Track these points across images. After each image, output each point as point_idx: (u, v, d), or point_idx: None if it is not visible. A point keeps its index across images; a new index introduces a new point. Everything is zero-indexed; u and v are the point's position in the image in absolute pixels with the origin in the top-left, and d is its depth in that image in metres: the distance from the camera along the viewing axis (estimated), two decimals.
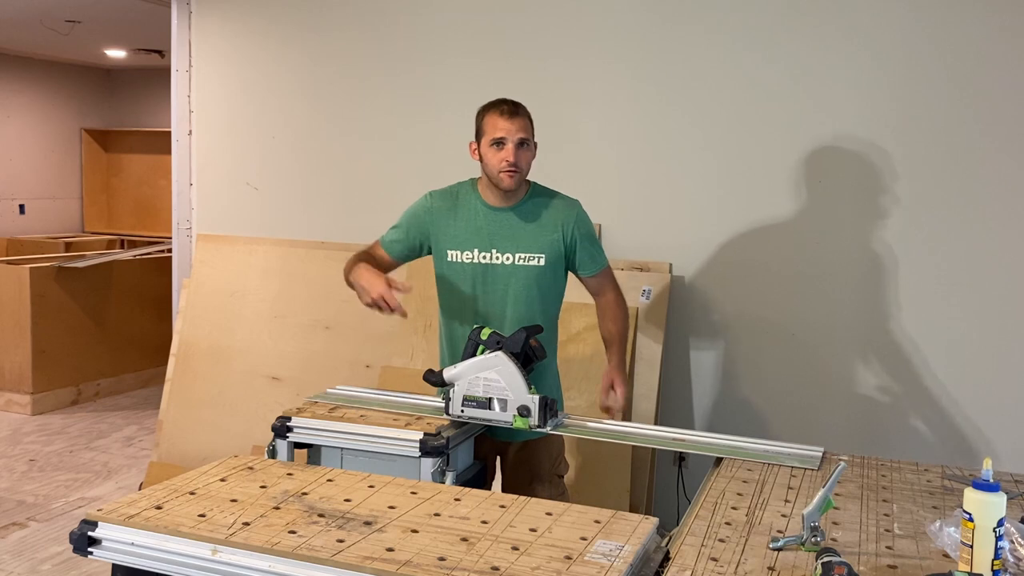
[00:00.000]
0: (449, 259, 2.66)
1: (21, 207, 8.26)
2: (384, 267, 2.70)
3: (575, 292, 2.91)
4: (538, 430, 2.38)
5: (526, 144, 2.58)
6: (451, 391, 2.41)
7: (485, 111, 2.63)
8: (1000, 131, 3.28)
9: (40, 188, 8.43)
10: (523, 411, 2.35)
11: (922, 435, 3.42)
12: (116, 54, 7.67)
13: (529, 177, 2.68)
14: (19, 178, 8.23)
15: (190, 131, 4.65)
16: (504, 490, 2.71)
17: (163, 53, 7.11)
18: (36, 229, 8.33)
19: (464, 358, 2.44)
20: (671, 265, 3.70)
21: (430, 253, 2.73)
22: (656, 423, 3.59)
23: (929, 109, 3.36)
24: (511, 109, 2.59)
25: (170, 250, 5.05)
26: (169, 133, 4.72)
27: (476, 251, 2.64)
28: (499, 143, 2.56)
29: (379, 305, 2.47)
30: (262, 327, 4.35)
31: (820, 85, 3.49)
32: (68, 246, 7.49)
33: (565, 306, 2.82)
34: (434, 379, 2.48)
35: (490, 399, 2.38)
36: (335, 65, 4.31)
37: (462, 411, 2.40)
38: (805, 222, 3.54)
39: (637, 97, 3.75)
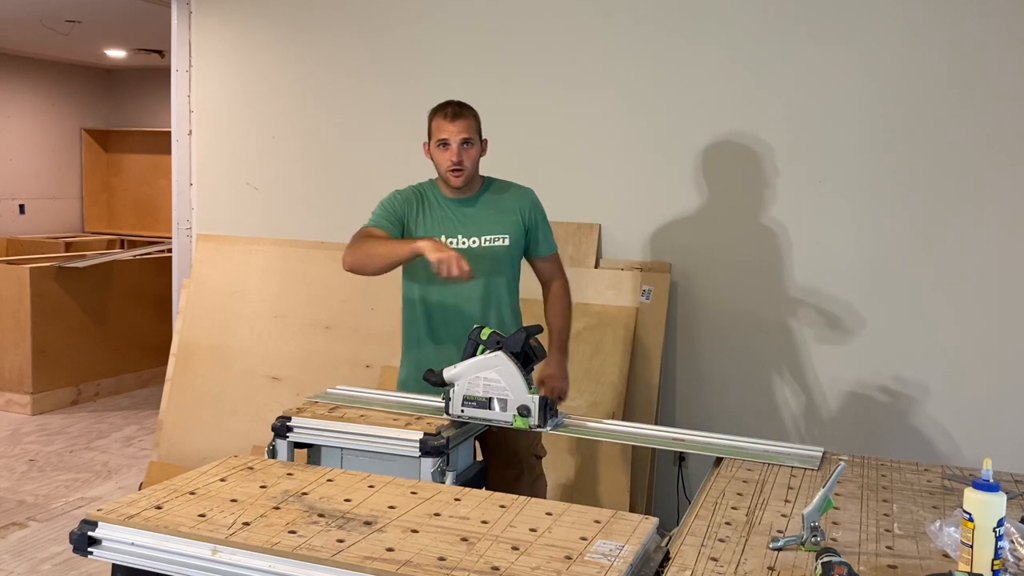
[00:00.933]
0: None
1: (21, 207, 8.26)
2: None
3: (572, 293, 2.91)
4: (538, 429, 2.39)
5: (469, 143, 2.72)
6: (451, 391, 2.42)
7: (433, 114, 2.78)
8: (1000, 131, 3.29)
9: (40, 188, 8.43)
10: (523, 411, 2.36)
11: (922, 435, 3.42)
12: (116, 54, 7.67)
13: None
14: (19, 178, 8.23)
15: (190, 131, 4.65)
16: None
17: (163, 53, 7.11)
18: (36, 229, 8.33)
19: (464, 358, 2.44)
20: (671, 265, 3.70)
21: None
22: (656, 423, 3.59)
23: (929, 110, 3.36)
24: (454, 111, 2.72)
25: (170, 250, 5.04)
26: (169, 133, 4.72)
27: (443, 237, 2.74)
28: (444, 144, 2.71)
29: (450, 267, 2.45)
30: (262, 327, 4.35)
31: (820, 86, 3.49)
32: (68, 246, 7.49)
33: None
34: (434, 379, 2.49)
35: (490, 399, 2.38)
36: (335, 65, 4.31)
37: (462, 411, 2.40)
38: (805, 222, 3.54)
39: (637, 97, 3.75)
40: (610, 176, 3.81)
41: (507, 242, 2.79)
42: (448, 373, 2.44)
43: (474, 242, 2.76)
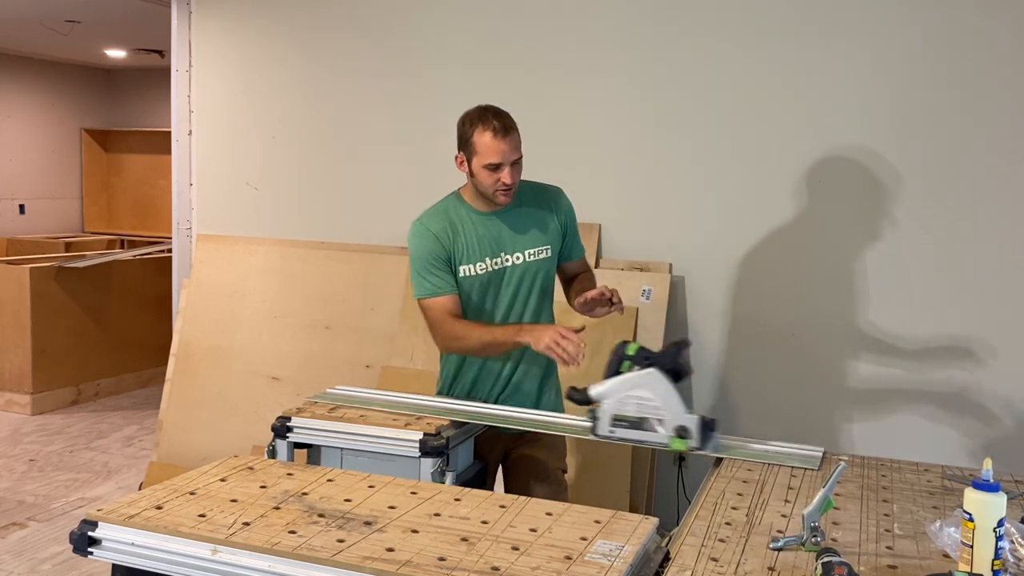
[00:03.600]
0: (463, 275, 2.59)
1: (21, 207, 8.26)
2: (459, 309, 2.60)
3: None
4: (698, 451, 2.23)
5: (519, 161, 2.52)
6: (598, 410, 2.28)
7: (473, 127, 2.50)
8: (1000, 132, 3.28)
9: (40, 188, 8.43)
10: (682, 432, 2.20)
11: (922, 435, 3.42)
12: (116, 54, 7.67)
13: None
14: (19, 178, 8.23)
15: (190, 131, 4.65)
16: (507, 489, 2.70)
17: (163, 53, 7.11)
18: (36, 229, 8.33)
19: (608, 375, 2.29)
20: (671, 265, 3.70)
21: None
22: None
23: (929, 110, 3.36)
24: (503, 127, 2.47)
25: (170, 250, 5.04)
26: (169, 133, 4.72)
27: (488, 259, 2.59)
28: (496, 167, 2.47)
29: (558, 351, 2.37)
30: (262, 327, 4.35)
31: (820, 86, 3.49)
32: (68, 246, 7.49)
33: (564, 307, 2.83)
34: (578, 397, 2.32)
35: (643, 419, 2.23)
36: (335, 65, 4.31)
37: (612, 431, 2.26)
38: (805, 222, 3.54)
39: (637, 97, 3.75)
40: (610, 176, 3.81)
41: (549, 253, 2.64)
42: (595, 391, 2.27)
43: (518, 258, 2.60)
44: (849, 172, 3.47)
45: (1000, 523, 1.52)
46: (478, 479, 2.55)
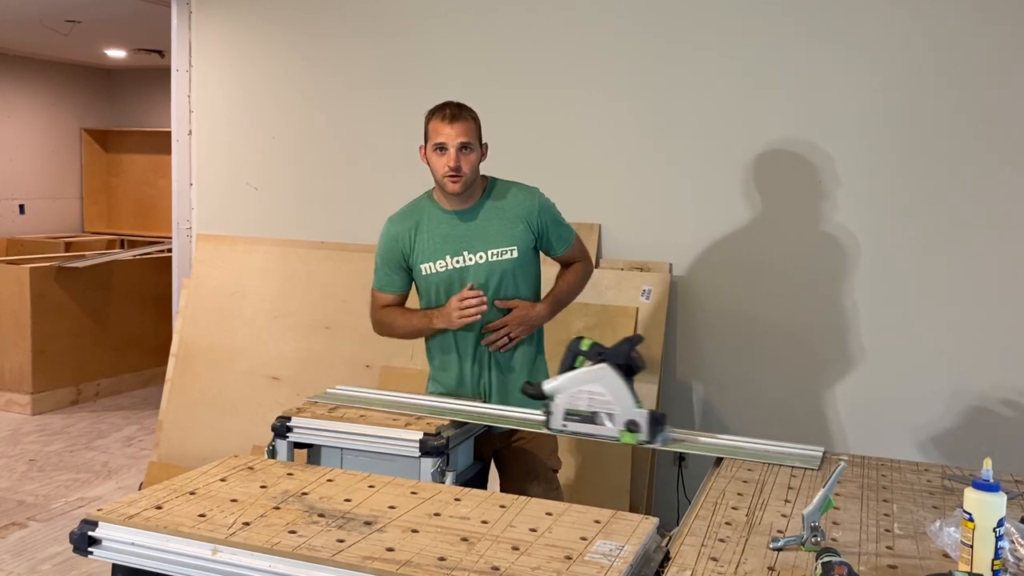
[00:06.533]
0: (424, 273, 2.69)
1: (21, 207, 8.26)
2: (398, 305, 2.80)
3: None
4: (647, 446, 2.30)
5: (468, 148, 2.59)
6: (551, 405, 2.33)
7: (430, 115, 2.64)
8: (999, 132, 3.28)
9: (40, 188, 8.43)
10: (632, 426, 2.26)
11: (922, 435, 3.42)
12: (116, 54, 7.67)
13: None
14: (19, 178, 8.23)
15: (190, 131, 4.65)
16: (501, 488, 2.71)
17: (163, 53, 7.11)
18: (36, 229, 8.33)
19: (562, 370, 2.36)
20: (671, 265, 3.71)
21: None
22: None
23: (929, 110, 3.36)
24: (453, 113, 2.59)
25: (170, 250, 5.04)
26: (169, 133, 4.72)
27: (448, 257, 2.66)
28: (441, 148, 2.58)
29: (467, 314, 2.57)
30: (262, 327, 4.35)
31: (819, 86, 3.49)
32: (68, 246, 7.49)
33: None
34: (532, 392, 2.40)
35: (595, 413, 2.29)
36: (335, 65, 4.31)
37: (564, 425, 2.32)
38: (805, 222, 3.55)
39: (637, 97, 3.75)
40: (610, 176, 3.81)
41: (515, 254, 2.66)
42: (548, 386, 2.34)
43: (481, 258, 2.65)
44: (849, 172, 3.47)
45: (1000, 523, 1.52)
46: (478, 479, 2.55)
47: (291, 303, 4.32)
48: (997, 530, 1.51)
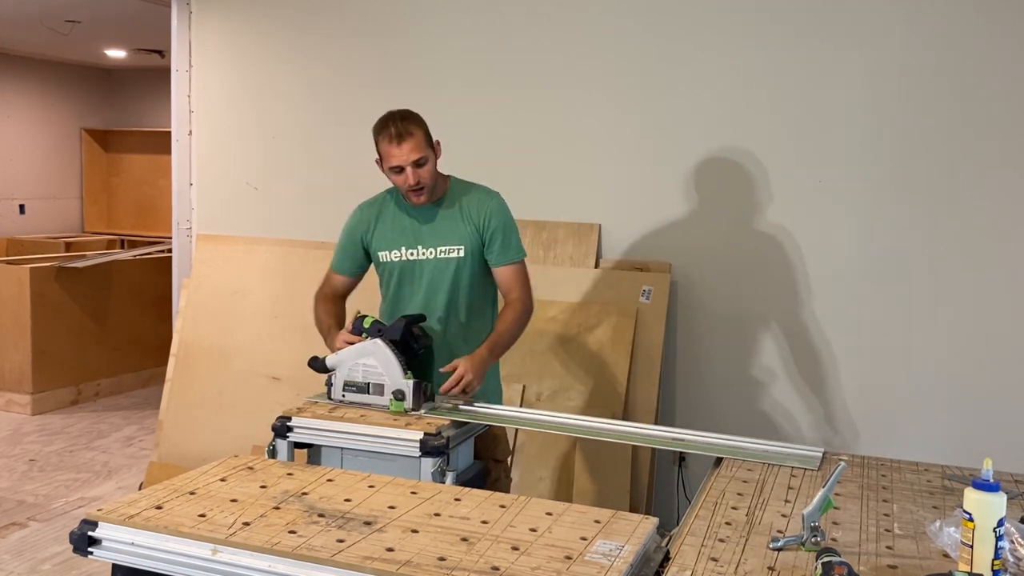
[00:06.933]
0: (381, 259, 2.77)
1: (21, 207, 8.26)
2: (344, 288, 2.88)
3: (570, 292, 2.89)
4: (412, 413, 2.43)
5: (422, 161, 2.61)
6: (332, 376, 2.54)
7: (377, 135, 2.67)
8: (999, 132, 3.29)
9: (40, 188, 8.43)
10: (398, 395, 2.45)
11: (922, 435, 3.42)
12: (116, 54, 7.67)
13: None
14: (19, 178, 8.23)
15: (190, 131, 4.65)
16: None
17: (163, 53, 7.11)
18: (36, 229, 8.33)
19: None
20: (671, 265, 3.70)
21: None
22: (656, 423, 3.59)
23: (928, 110, 3.36)
24: (399, 132, 2.60)
25: (170, 250, 5.04)
26: (169, 133, 4.72)
27: (403, 248, 2.72)
28: (398, 170, 2.62)
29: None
30: (262, 327, 4.35)
31: (819, 87, 3.49)
32: (68, 246, 7.49)
33: (564, 307, 2.82)
34: (317, 365, 2.60)
35: (368, 384, 2.48)
36: (335, 65, 4.31)
37: (343, 396, 2.52)
38: (804, 222, 3.54)
39: (637, 98, 3.75)
40: (610, 176, 3.81)
41: (461, 253, 2.68)
42: (330, 360, 2.57)
43: (430, 253, 2.70)
44: (848, 172, 3.47)
45: (1000, 523, 1.52)
46: (478, 479, 2.55)
47: (291, 303, 4.32)
48: (997, 530, 1.51)
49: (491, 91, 3.94)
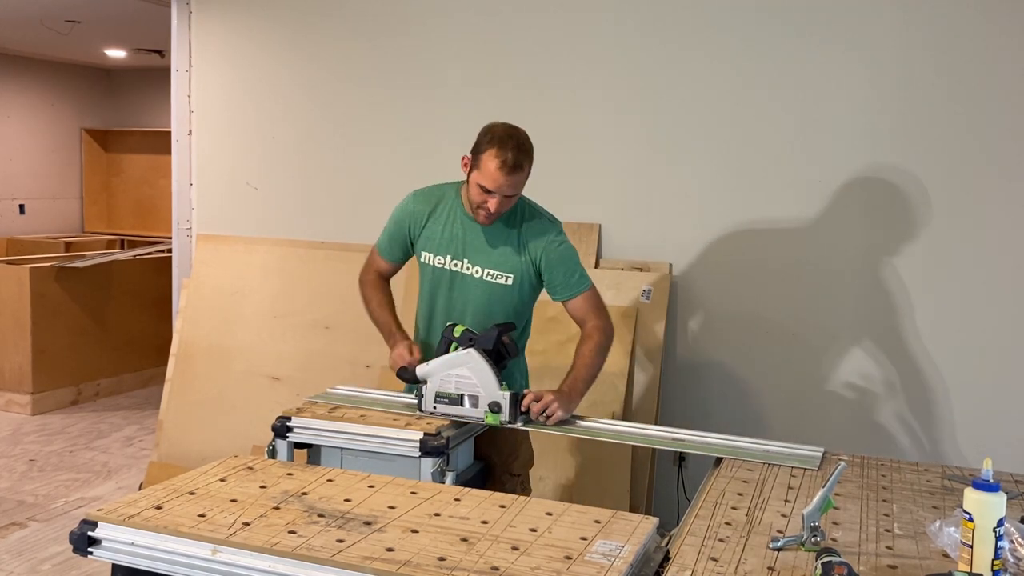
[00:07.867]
0: (423, 260, 2.70)
1: (21, 207, 8.26)
2: (390, 272, 2.81)
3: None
4: (509, 426, 2.39)
5: (513, 196, 2.51)
6: (423, 388, 2.45)
7: (487, 146, 2.47)
8: (999, 132, 3.28)
9: (40, 188, 8.43)
10: (494, 407, 2.38)
11: (922, 435, 3.42)
12: (116, 54, 7.67)
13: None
14: (19, 178, 8.22)
15: (190, 131, 4.65)
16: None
17: (163, 53, 7.11)
18: (36, 229, 8.33)
19: (437, 355, 2.47)
20: (671, 265, 3.70)
21: None
22: (656, 423, 3.59)
23: (929, 110, 3.36)
24: (512, 165, 2.43)
25: (170, 250, 5.04)
26: (169, 133, 4.72)
27: (448, 257, 2.64)
28: (487, 191, 2.47)
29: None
30: (262, 327, 4.35)
31: (819, 86, 3.49)
32: (68, 246, 7.49)
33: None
34: (407, 376, 2.52)
35: (462, 395, 2.40)
36: (335, 65, 4.31)
37: (435, 408, 2.43)
38: (805, 222, 3.54)
39: (637, 97, 3.75)
40: (610, 176, 3.81)
41: (510, 281, 2.60)
42: (421, 370, 2.46)
43: (476, 272, 2.61)
44: (848, 172, 3.47)
45: (1000, 523, 1.52)
46: (478, 479, 2.55)
47: (291, 303, 4.32)
48: (997, 530, 1.51)
49: (491, 91, 3.93)
